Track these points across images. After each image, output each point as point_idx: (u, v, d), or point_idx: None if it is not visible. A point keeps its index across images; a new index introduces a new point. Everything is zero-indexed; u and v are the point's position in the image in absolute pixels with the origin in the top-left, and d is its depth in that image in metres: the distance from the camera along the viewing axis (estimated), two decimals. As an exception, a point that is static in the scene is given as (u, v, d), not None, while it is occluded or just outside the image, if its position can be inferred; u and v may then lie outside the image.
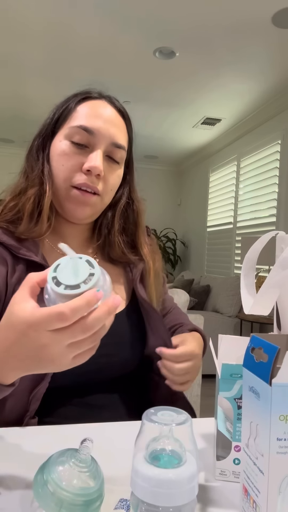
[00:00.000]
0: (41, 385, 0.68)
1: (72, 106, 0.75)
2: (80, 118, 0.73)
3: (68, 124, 0.73)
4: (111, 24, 2.67)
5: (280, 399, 0.35)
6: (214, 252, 5.12)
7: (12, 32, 2.82)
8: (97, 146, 0.72)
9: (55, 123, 0.76)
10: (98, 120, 0.73)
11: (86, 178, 0.72)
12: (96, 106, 0.74)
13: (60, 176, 0.73)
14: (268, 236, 0.58)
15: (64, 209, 0.76)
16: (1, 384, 0.47)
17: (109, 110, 0.75)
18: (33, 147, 0.77)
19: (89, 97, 0.75)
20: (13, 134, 5.20)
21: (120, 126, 0.76)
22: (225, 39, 2.78)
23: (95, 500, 0.39)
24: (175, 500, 0.33)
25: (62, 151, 0.73)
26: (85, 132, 0.71)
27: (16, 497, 0.46)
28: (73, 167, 0.72)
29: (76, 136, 0.72)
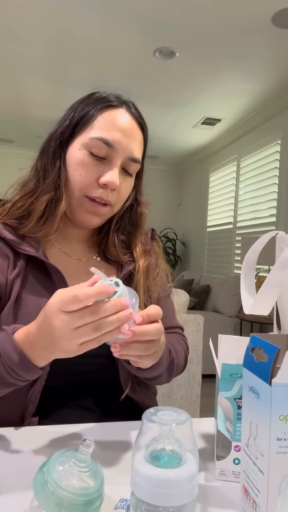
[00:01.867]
0: (37, 383, 0.68)
1: (93, 113, 0.74)
2: (100, 129, 0.72)
3: (88, 133, 0.73)
4: (111, 24, 2.67)
5: (280, 399, 0.35)
6: (214, 252, 5.12)
7: (12, 32, 2.82)
8: (115, 159, 0.73)
9: (74, 128, 0.75)
10: (118, 133, 0.72)
11: (102, 191, 0.73)
12: (117, 117, 0.73)
13: (76, 185, 0.73)
14: (268, 236, 0.58)
15: (74, 215, 0.77)
16: (34, 365, 0.55)
17: (129, 122, 0.75)
18: (49, 149, 0.76)
19: (110, 105, 0.74)
20: (13, 134, 5.19)
21: (138, 139, 0.76)
22: (225, 39, 2.78)
23: (95, 500, 0.39)
24: (175, 500, 0.33)
25: (80, 161, 0.73)
26: (105, 145, 0.71)
27: (16, 497, 0.46)
28: (90, 178, 0.73)
29: (95, 148, 0.72)
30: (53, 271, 0.72)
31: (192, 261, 5.93)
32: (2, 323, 0.69)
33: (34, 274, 0.73)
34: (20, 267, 0.72)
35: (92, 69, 3.31)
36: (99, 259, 0.84)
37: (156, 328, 0.55)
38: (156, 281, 0.83)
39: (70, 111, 0.77)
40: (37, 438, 0.61)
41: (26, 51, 3.07)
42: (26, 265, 0.73)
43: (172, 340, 0.80)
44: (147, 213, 0.86)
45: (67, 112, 0.78)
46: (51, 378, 0.69)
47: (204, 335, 1.38)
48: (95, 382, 0.75)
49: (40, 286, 0.72)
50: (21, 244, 0.72)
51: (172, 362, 0.75)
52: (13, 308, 0.69)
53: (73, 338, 0.50)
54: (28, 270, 0.73)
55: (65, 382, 0.73)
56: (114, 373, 0.75)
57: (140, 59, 3.12)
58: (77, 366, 0.72)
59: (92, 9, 2.53)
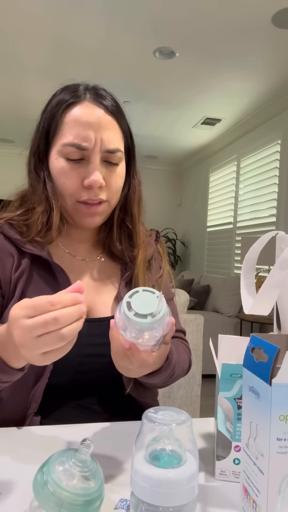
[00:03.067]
0: (40, 382, 0.68)
1: (58, 118, 0.72)
2: (69, 134, 0.71)
3: (60, 140, 0.72)
4: (111, 24, 2.67)
5: (280, 399, 0.35)
6: (214, 252, 5.12)
7: (13, 32, 2.82)
8: (91, 157, 0.71)
9: (46, 137, 0.75)
10: (87, 131, 0.70)
11: (89, 192, 0.72)
12: (83, 114, 0.71)
13: (64, 193, 0.73)
14: (268, 236, 0.58)
15: (74, 220, 0.77)
16: (10, 366, 0.55)
17: (96, 114, 0.71)
18: (31, 165, 0.77)
19: (74, 102, 0.72)
20: (13, 134, 5.19)
21: (111, 127, 0.73)
22: (225, 39, 2.78)
23: (95, 500, 0.39)
24: (175, 500, 0.33)
25: (60, 169, 0.72)
26: (77, 149, 0.70)
27: (16, 497, 0.46)
28: (74, 184, 0.72)
29: (70, 154, 0.71)
30: (58, 270, 0.72)
31: (192, 261, 5.93)
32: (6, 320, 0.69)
33: (39, 273, 0.73)
34: (25, 266, 0.72)
35: (92, 69, 3.31)
36: (103, 259, 0.84)
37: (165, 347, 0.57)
38: (159, 283, 0.83)
39: (40, 119, 0.77)
40: (37, 438, 0.61)
41: (26, 51, 3.07)
42: (31, 264, 0.73)
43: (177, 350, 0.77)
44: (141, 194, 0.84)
45: (38, 120, 0.78)
46: (54, 377, 0.69)
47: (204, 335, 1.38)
48: (97, 382, 0.75)
49: (45, 285, 0.73)
50: (25, 243, 0.73)
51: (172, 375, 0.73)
52: None
53: (35, 348, 0.47)
54: (33, 269, 0.73)
55: (67, 381, 0.73)
56: (116, 373, 0.75)
57: (140, 59, 3.12)
58: (80, 366, 0.73)
59: (92, 9, 2.53)
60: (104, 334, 0.75)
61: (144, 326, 0.48)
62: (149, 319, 0.48)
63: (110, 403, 0.77)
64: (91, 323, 0.75)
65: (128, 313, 0.48)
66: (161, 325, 0.50)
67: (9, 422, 0.68)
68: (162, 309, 0.49)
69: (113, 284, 0.81)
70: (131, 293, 0.50)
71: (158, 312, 0.48)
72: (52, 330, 0.46)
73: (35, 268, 0.73)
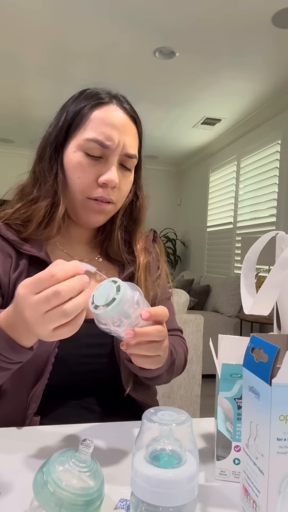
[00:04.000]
0: (40, 382, 0.68)
1: (85, 113, 0.73)
2: (94, 130, 0.72)
3: (82, 135, 0.72)
4: (111, 24, 2.67)
5: (280, 399, 0.35)
6: (214, 252, 5.12)
7: (12, 32, 2.82)
8: (111, 158, 0.72)
9: (67, 130, 0.75)
10: (111, 131, 0.72)
11: (102, 191, 0.73)
12: (109, 114, 0.73)
13: (76, 188, 0.73)
14: (268, 236, 0.58)
15: (78, 216, 0.77)
16: (20, 345, 0.54)
17: (122, 117, 0.74)
18: (45, 154, 0.76)
19: (101, 102, 0.74)
20: (13, 134, 5.19)
21: (132, 133, 0.76)
22: (225, 39, 2.78)
23: (95, 500, 0.39)
24: (175, 500, 0.33)
25: (77, 163, 0.72)
26: (100, 146, 0.71)
27: (16, 497, 0.46)
28: (89, 180, 0.72)
29: (91, 149, 0.71)
30: None
31: (192, 261, 5.93)
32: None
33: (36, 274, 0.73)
34: (23, 267, 0.72)
35: (92, 69, 3.31)
36: (101, 260, 0.84)
37: (158, 329, 0.54)
38: (158, 283, 0.83)
39: (62, 112, 0.76)
40: (37, 438, 0.61)
41: (26, 51, 3.07)
42: (28, 265, 0.73)
43: (173, 342, 0.80)
44: (146, 207, 0.85)
45: (59, 113, 0.77)
46: (53, 377, 0.70)
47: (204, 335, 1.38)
48: (97, 382, 0.75)
49: None
50: (23, 244, 0.73)
51: (173, 363, 0.75)
52: None
53: (44, 324, 0.48)
54: (31, 270, 0.73)
55: (67, 381, 0.73)
56: (116, 373, 0.75)
57: (140, 59, 3.12)
58: (80, 366, 0.73)
59: (93, 9, 2.53)
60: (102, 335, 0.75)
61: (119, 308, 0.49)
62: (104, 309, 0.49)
63: (109, 403, 0.77)
64: (90, 324, 0.75)
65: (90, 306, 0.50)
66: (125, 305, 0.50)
67: (9, 422, 0.68)
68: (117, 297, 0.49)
69: None
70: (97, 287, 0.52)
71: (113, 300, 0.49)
72: (55, 305, 0.47)
73: (33, 269, 0.73)
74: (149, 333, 0.53)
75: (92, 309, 0.49)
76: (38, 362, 0.68)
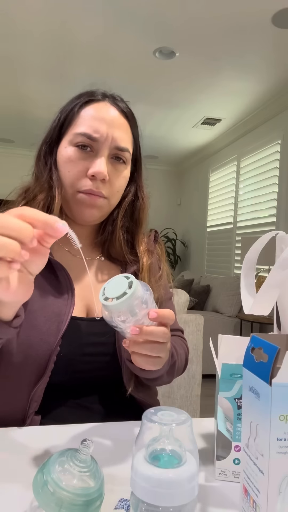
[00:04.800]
0: (41, 381, 0.68)
1: (76, 110, 0.75)
2: (83, 124, 0.74)
3: (73, 130, 0.74)
4: (111, 24, 2.67)
5: (280, 399, 0.35)
6: (214, 252, 5.12)
7: (12, 32, 2.82)
8: (100, 151, 0.73)
9: (60, 128, 0.77)
10: (100, 125, 0.73)
11: (92, 183, 0.73)
12: (99, 110, 0.75)
13: (67, 182, 0.75)
14: (268, 236, 0.58)
15: (72, 212, 0.77)
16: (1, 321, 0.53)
17: (112, 112, 0.75)
18: (41, 153, 0.79)
19: (92, 99, 0.76)
20: (13, 134, 5.19)
21: (123, 127, 0.77)
22: (225, 39, 2.78)
23: (95, 500, 0.39)
24: (175, 500, 0.33)
25: (68, 158, 0.74)
26: (88, 139, 0.73)
27: (16, 497, 0.46)
28: (78, 173, 0.74)
29: (80, 143, 0.73)
30: (59, 268, 0.73)
31: (192, 261, 5.93)
32: None
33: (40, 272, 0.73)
34: None
35: (92, 69, 3.31)
36: (103, 259, 0.84)
37: (164, 331, 0.54)
38: (159, 283, 0.83)
39: (58, 113, 0.79)
40: (37, 438, 0.61)
41: (26, 51, 3.07)
42: None
43: (174, 343, 0.80)
44: (147, 208, 0.86)
45: (56, 114, 0.79)
46: (55, 375, 0.70)
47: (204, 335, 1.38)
48: (97, 381, 0.75)
49: (46, 284, 0.73)
50: None
51: (174, 365, 0.75)
52: None
53: None
54: None
55: (68, 380, 0.73)
56: (117, 373, 0.75)
57: (140, 59, 3.12)
58: (81, 364, 0.73)
59: (93, 9, 2.53)
60: (104, 333, 0.75)
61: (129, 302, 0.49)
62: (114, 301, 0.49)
63: (110, 402, 0.77)
64: (91, 322, 0.75)
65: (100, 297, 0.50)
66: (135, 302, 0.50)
67: (10, 421, 0.68)
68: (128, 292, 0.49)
69: None
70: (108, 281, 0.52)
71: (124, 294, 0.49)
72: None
73: None
74: (154, 333, 0.53)
75: (102, 300, 0.50)
76: (39, 361, 0.68)
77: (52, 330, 0.69)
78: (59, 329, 0.70)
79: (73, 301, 0.73)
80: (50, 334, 0.69)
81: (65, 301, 0.72)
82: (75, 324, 0.73)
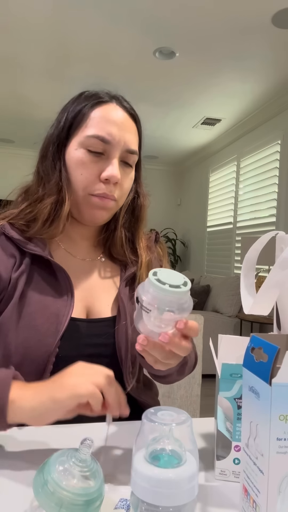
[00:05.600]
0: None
1: (85, 112, 0.74)
2: (94, 127, 0.73)
3: (83, 132, 0.73)
4: (111, 24, 2.67)
5: (280, 399, 0.35)
6: (214, 252, 5.12)
7: (13, 33, 2.82)
8: (112, 154, 0.73)
9: (68, 129, 0.76)
10: (112, 127, 0.73)
11: (105, 187, 0.73)
12: (109, 112, 0.74)
13: (79, 185, 0.74)
14: (268, 236, 0.58)
15: (82, 214, 0.77)
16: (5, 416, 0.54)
17: (121, 115, 0.75)
18: (48, 153, 0.77)
19: (101, 101, 0.75)
20: (13, 134, 5.19)
21: (132, 130, 0.77)
22: (225, 39, 2.78)
23: (95, 500, 0.39)
24: (175, 500, 0.33)
25: (79, 160, 0.73)
26: (101, 142, 0.72)
27: (16, 497, 0.46)
28: (91, 176, 0.73)
29: (92, 146, 0.73)
30: (59, 270, 0.73)
31: (192, 261, 5.93)
32: (6, 320, 0.69)
33: (39, 273, 0.73)
34: (26, 266, 0.73)
35: (92, 69, 3.31)
36: (104, 259, 0.84)
37: (187, 346, 0.52)
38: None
39: (63, 113, 0.78)
40: (38, 438, 0.61)
41: (26, 51, 3.07)
42: (31, 264, 0.74)
43: None
44: (147, 205, 0.86)
45: (60, 114, 0.78)
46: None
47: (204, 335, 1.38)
48: None
49: (45, 285, 0.73)
50: (27, 243, 0.73)
51: (185, 364, 0.74)
52: (17, 306, 0.70)
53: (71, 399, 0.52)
54: (33, 269, 0.73)
55: None
56: (118, 374, 0.75)
57: (140, 59, 3.12)
58: None
59: (92, 9, 2.53)
60: (103, 334, 0.75)
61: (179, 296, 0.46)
62: (183, 288, 0.46)
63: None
64: (92, 324, 0.75)
65: (163, 286, 0.46)
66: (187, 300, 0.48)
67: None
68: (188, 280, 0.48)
69: (114, 284, 0.81)
70: (153, 272, 0.48)
71: (186, 282, 0.47)
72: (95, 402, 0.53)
73: (36, 268, 0.73)
74: (178, 346, 0.51)
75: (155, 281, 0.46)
76: (38, 362, 0.68)
77: (51, 331, 0.69)
78: (58, 330, 0.69)
79: (73, 302, 0.72)
80: (49, 335, 0.69)
81: (65, 302, 0.72)
82: (74, 325, 0.73)
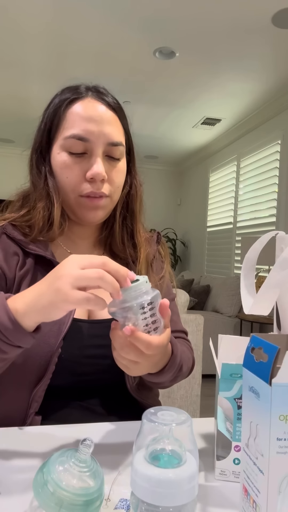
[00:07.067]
0: (42, 382, 0.68)
1: (61, 113, 0.73)
2: (72, 127, 0.71)
3: (62, 134, 0.72)
4: (111, 24, 2.67)
5: (280, 399, 0.35)
6: (214, 252, 5.12)
7: (13, 33, 2.82)
8: (94, 151, 0.72)
9: (49, 134, 0.75)
10: (89, 124, 0.71)
11: (91, 186, 0.72)
12: (85, 108, 0.72)
13: (67, 188, 0.73)
14: (268, 236, 0.58)
15: (76, 215, 0.77)
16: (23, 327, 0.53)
17: (99, 109, 0.73)
18: (33, 162, 0.77)
19: (76, 98, 0.74)
20: (13, 134, 5.19)
21: (113, 121, 0.74)
22: (225, 39, 2.78)
23: (95, 500, 0.39)
24: (175, 500, 0.33)
25: (63, 164, 0.72)
26: (80, 141, 0.71)
27: (16, 497, 0.46)
28: (77, 177, 0.72)
29: (73, 147, 0.71)
30: None
31: (192, 261, 5.93)
32: None
33: (43, 273, 0.73)
34: (29, 266, 0.73)
35: (92, 69, 3.31)
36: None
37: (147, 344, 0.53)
38: (161, 283, 0.83)
39: (42, 117, 0.78)
40: (37, 438, 0.61)
41: (26, 51, 3.07)
42: (35, 264, 0.74)
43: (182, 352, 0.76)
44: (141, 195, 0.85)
45: (41, 119, 0.78)
46: (55, 377, 0.69)
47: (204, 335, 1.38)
48: (99, 383, 0.75)
49: None
50: (29, 244, 0.74)
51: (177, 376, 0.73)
52: None
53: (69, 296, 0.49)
54: (37, 269, 0.74)
55: (69, 382, 0.73)
56: (119, 375, 0.75)
57: (140, 59, 3.12)
58: (82, 366, 0.73)
59: (93, 9, 2.53)
60: (106, 336, 0.75)
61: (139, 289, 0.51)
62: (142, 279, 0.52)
63: (111, 404, 0.76)
64: (93, 324, 0.75)
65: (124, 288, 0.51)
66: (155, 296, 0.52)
67: (10, 420, 0.68)
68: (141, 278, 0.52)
69: None
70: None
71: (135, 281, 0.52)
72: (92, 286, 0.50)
73: (39, 268, 0.74)
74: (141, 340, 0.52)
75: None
76: (40, 362, 0.68)
77: (53, 331, 0.69)
78: (61, 331, 0.70)
79: None
80: (51, 336, 0.69)
81: None
82: (76, 326, 0.73)
